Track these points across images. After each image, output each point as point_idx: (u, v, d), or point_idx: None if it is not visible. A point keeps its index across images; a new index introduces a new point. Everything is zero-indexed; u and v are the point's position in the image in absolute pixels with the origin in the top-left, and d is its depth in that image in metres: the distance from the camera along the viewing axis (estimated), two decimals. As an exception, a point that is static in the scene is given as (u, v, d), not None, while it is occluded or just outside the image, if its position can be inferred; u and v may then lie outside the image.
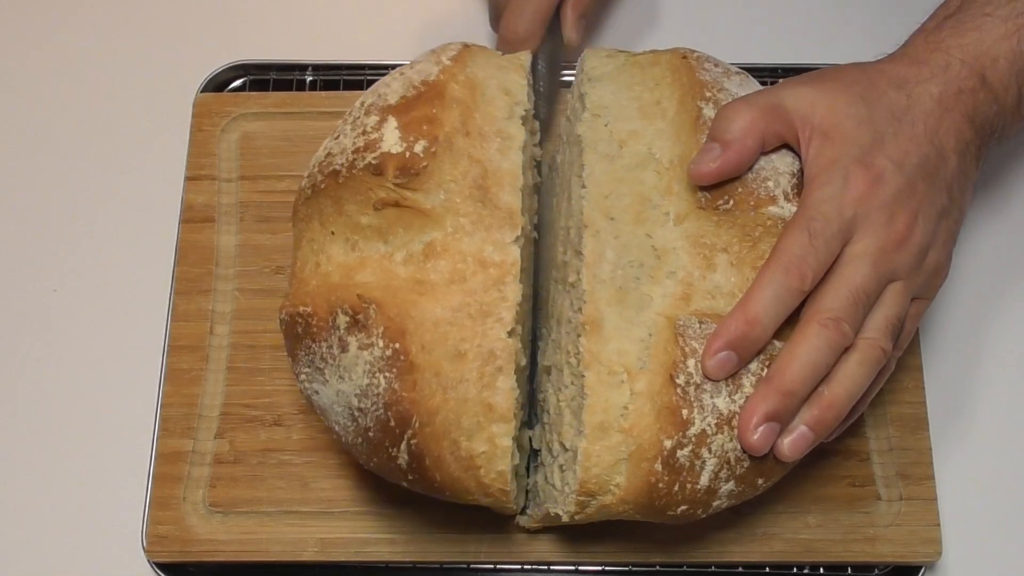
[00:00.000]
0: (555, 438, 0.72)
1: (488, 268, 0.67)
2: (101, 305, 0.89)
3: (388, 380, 0.66)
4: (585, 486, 0.66)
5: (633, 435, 0.65)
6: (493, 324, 0.66)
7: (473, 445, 0.67)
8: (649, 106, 0.72)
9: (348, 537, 0.81)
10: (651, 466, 0.65)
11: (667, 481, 0.65)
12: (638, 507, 0.67)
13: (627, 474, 0.66)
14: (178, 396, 0.84)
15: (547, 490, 0.74)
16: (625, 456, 0.65)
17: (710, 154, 0.67)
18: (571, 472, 0.68)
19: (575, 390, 0.68)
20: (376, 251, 0.70)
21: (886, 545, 0.79)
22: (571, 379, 0.69)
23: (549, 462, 0.74)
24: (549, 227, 0.83)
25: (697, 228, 0.68)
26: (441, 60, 0.72)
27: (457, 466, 0.68)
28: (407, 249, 0.69)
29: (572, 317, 0.70)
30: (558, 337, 0.74)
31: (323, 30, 0.99)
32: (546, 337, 0.80)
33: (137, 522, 0.81)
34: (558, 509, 0.70)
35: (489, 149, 0.69)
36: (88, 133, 0.95)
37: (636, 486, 0.66)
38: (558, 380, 0.73)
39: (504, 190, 0.69)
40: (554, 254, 0.79)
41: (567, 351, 0.70)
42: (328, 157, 0.72)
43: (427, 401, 0.66)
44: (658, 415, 0.65)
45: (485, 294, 0.67)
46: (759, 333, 0.64)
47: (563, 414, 0.70)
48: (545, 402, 0.77)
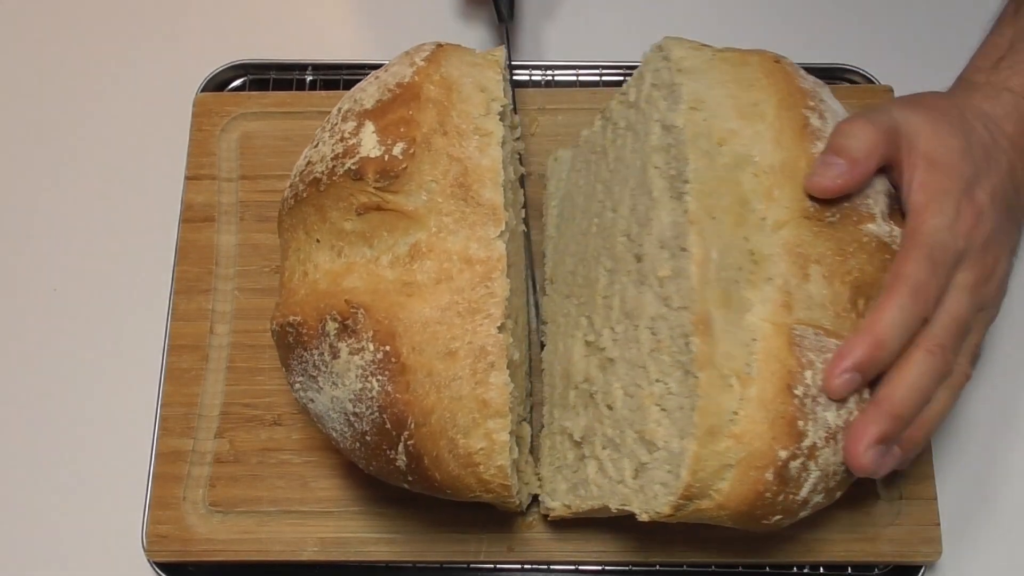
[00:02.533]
0: (627, 432, 0.69)
1: (474, 265, 0.67)
2: (101, 305, 0.89)
3: (381, 383, 0.66)
4: (689, 489, 0.64)
5: (743, 442, 0.63)
6: (482, 320, 0.66)
7: (470, 442, 0.67)
8: (746, 106, 0.70)
9: (348, 537, 0.81)
10: (760, 475, 0.64)
11: (774, 491, 0.64)
12: (736, 514, 0.66)
13: (732, 481, 0.64)
14: (178, 396, 0.84)
15: (605, 485, 0.72)
16: (732, 462, 0.63)
17: (834, 169, 0.67)
18: (661, 471, 0.66)
19: (681, 389, 0.66)
20: (362, 256, 0.70)
21: (886, 544, 0.79)
22: (662, 376, 0.67)
23: (608, 456, 0.72)
24: (589, 213, 0.80)
25: (795, 237, 0.67)
26: (415, 61, 0.72)
27: (456, 464, 0.68)
28: (392, 252, 0.69)
29: (670, 315, 0.67)
30: (629, 330, 0.71)
31: (323, 30, 0.99)
32: (595, 325, 0.76)
33: (137, 522, 0.81)
34: (634, 507, 0.68)
35: (468, 147, 0.69)
36: (88, 133, 0.95)
37: (741, 494, 0.64)
38: (629, 374, 0.70)
39: (485, 187, 0.69)
40: (611, 243, 0.75)
41: (660, 347, 0.67)
42: (308, 165, 0.72)
43: (421, 401, 0.66)
44: (772, 424, 0.63)
45: (473, 291, 0.67)
46: (885, 356, 0.65)
47: (646, 410, 0.68)
48: (592, 391, 0.74)
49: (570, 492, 0.76)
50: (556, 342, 0.82)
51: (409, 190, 0.68)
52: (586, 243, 0.79)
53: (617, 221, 0.75)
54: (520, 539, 0.81)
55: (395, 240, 0.69)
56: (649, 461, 0.67)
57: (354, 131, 0.70)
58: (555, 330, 0.83)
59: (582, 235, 0.80)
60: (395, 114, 0.69)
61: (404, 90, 0.70)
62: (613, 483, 0.70)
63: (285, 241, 0.74)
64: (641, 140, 0.73)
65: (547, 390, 0.83)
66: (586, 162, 0.83)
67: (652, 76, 0.74)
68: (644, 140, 0.72)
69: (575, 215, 0.83)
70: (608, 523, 0.80)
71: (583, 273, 0.79)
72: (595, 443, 0.73)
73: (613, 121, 0.79)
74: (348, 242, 0.70)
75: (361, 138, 0.69)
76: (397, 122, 0.69)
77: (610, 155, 0.79)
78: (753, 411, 0.63)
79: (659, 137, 0.71)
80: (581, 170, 0.83)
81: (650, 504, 0.66)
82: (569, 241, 0.83)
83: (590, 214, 0.79)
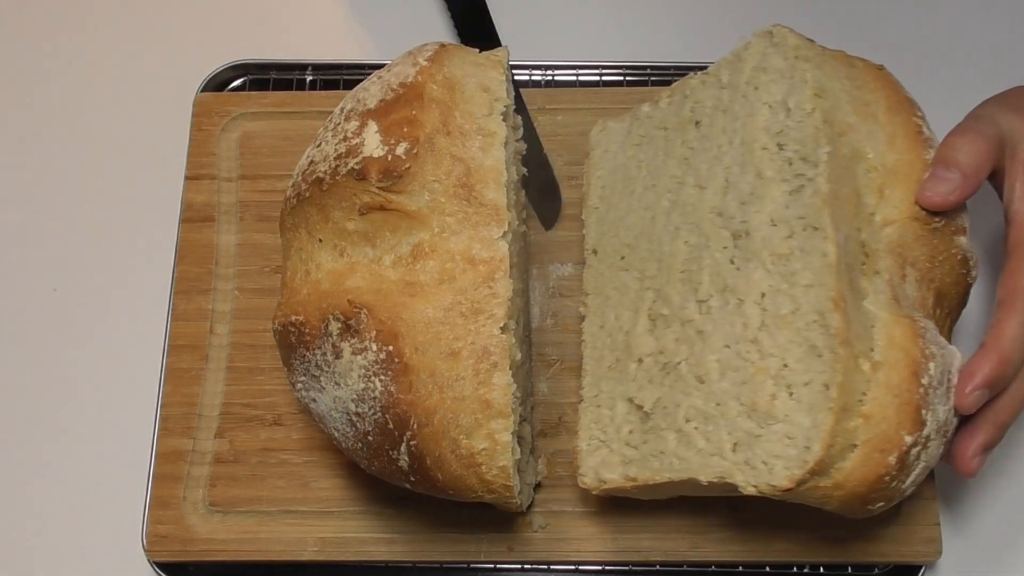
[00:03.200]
0: (729, 404, 0.69)
1: (477, 266, 0.67)
2: (101, 305, 0.89)
3: (384, 383, 0.66)
4: (819, 464, 0.64)
5: (871, 423, 0.64)
6: (485, 321, 0.66)
7: (473, 443, 0.67)
8: (860, 105, 0.72)
9: (348, 537, 0.81)
10: (884, 458, 0.64)
11: (892, 476, 0.65)
12: (849, 495, 0.66)
13: (855, 460, 0.64)
14: (178, 396, 0.84)
15: (692, 457, 0.70)
16: (858, 442, 0.64)
17: (947, 184, 0.69)
18: (778, 444, 0.66)
19: (805, 365, 0.66)
20: (364, 256, 0.70)
21: (886, 544, 0.79)
22: (779, 351, 0.67)
23: (695, 427, 0.71)
24: (659, 188, 0.79)
25: (899, 237, 0.69)
26: (418, 61, 0.72)
27: (458, 464, 0.68)
28: (395, 252, 0.69)
29: (795, 292, 0.67)
30: (726, 304, 0.71)
31: (323, 30, 0.99)
32: (671, 299, 0.75)
33: (137, 522, 0.81)
34: (736, 479, 0.67)
35: (471, 147, 0.69)
36: (88, 133, 0.95)
37: (862, 474, 0.65)
38: (730, 347, 0.70)
39: (488, 187, 0.69)
40: (696, 219, 0.75)
41: (779, 323, 0.68)
42: (311, 165, 0.72)
43: (424, 402, 0.66)
44: (899, 409, 0.64)
45: (475, 292, 0.67)
46: (1010, 372, 0.67)
47: (758, 384, 0.67)
48: (670, 362, 0.74)
49: (634, 464, 0.74)
50: (604, 314, 0.81)
51: (412, 190, 0.68)
52: (653, 217, 0.79)
53: (705, 198, 0.75)
54: (520, 539, 0.81)
55: (398, 240, 0.69)
56: (763, 434, 0.67)
57: (357, 131, 0.70)
58: (602, 302, 0.81)
59: (645, 209, 0.80)
60: (398, 114, 0.69)
61: (407, 90, 0.70)
62: (705, 455, 0.69)
63: (287, 241, 0.74)
64: (741, 120, 0.74)
65: (589, 363, 0.81)
66: (649, 138, 0.82)
67: (758, 60, 0.74)
68: (746, 120, 0.73)
69: (633, 188, 0.82)
70: (603, 522, 0.81)
71: (648, 247, 0.79)
72: (675, 415, 0.72)
73: (695, 100, 0.79)
74: (351, 242, 0.70)
75: (364, 138, 0.69)
76: (400, 122, 0.69)
77: (689, 133, 0.79)
78: (881, 394, 0.64)
79: (768, 119, 0.72)
80: (641, 145, 0.83)
81: (762, 477, 0.66)
82: (624, 214, 0.82)
83: (659, 189, 0.79)
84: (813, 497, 0.66)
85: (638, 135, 0.83)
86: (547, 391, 0.85)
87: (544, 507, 0.81)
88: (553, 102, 0.93)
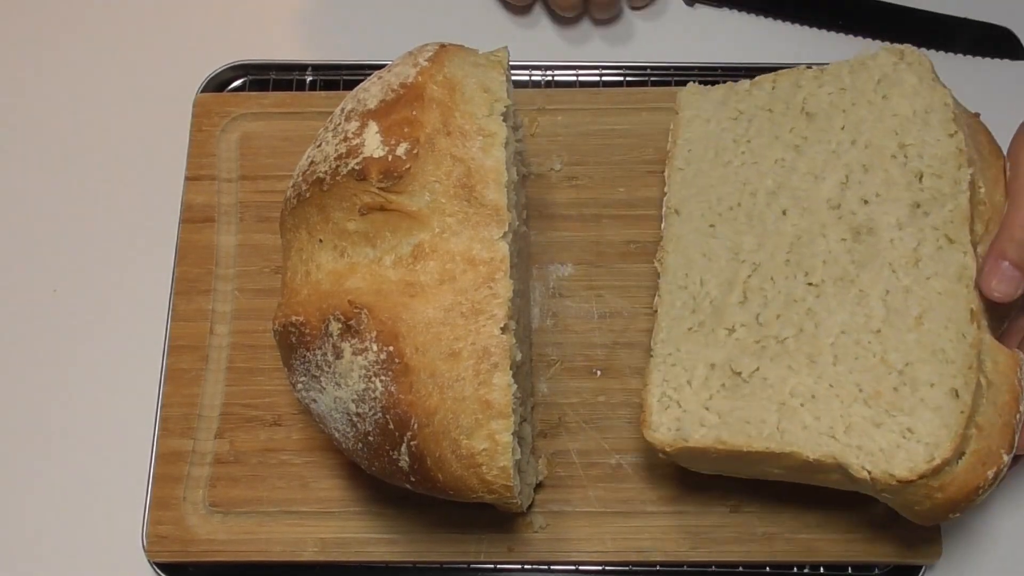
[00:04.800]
0: (845, 387, 0.71)
1: (478, 266, 0.67)
2: (101, 305, 0.89)
3: (384, 383, 0.66)
4: (944, 463, 0.66)
5: (982, 435, 0.68)
6: (486, 321, 0.66)
7: (473, 443, 0.67)
8: (973, 141, 0.76)
9: (348, 537, 0.81)
10: (984, 471, 0.68)
11: (984, 488, 0.68)
12: (946, 500, 0.68)
13: (963, 467, 0.67)
14: (178, 396, 0.84)
15: (798, 432, 0.71)
16: (968, 451, 0.67)
17: (1012, 284, 0.71)
18: (897, 435, 0.68)
19: (932, 367, 0.69)
20: (365, 256, 0.70)
21: (886, 545, 0.79)
22: (903, 349, 0.70)
23: (801, 404, 0.72)
24: (761, 168, 0.80)
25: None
26: (418, 62, 0.72)
27: (459, 465, 0.68)
28: (395, 252, 0.69)
29: (928, 295, 0.71)
30: (845, 293, 0.73)
31: (323, 30, 0.99)
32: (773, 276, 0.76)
33: (137, 522, 0.81)
34: (849, 461, 0.68)
35: (471, 147, 0.69)
36: (88, 133, 0.95)
37: (964, 481, 0.67)
38: (848, 335, 0.72)
39: (489, 187, 0.69)
40: (809, 206, 0.77)
41: (910, 323, 0.71)
42: (311, 165, 0.72)
43: (424, 402, 0.66)
44: (1002, 429, 0.68)
45: (476, 292, 0.67)
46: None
47: (879, 375, 0.70)
48: (773, 336, 0.74)
49: (724, 428, 0.73)
50: (687, 275, 0.80)
51: (412, 191, 0.68)
52: (754, 193, 0.80)
53: (821, 188, 0.77)
54: (520, 539, 0.81)
55: (398, 241, 0.69)
56: (884, 423, 0.69)
57: (357, 131, 0.70)
58: (685, 263, 0.80)
59: (744, 184, 0.80)
60: (399, 114, 0.69)
61: (408, 90, 0.70)
62: (813, 432, 0.70)
63: (287, 241, 0.74)
64: (868, 124, 0.77)
65: (664, 320, 0.79)
66: (748, 115, 0.83)
67: (885, 72, 0.78)
68: (873, 125, 0.77)
69: (728, 159, 0.82)
70: (605, 523, 0.81)
71: (747, 221, 0.79)
72: (779, 388, 0.73)
73: (809, 92, 0.81)
74: (351, 242, 0.70)
75: (364, 138, 0.69)
76: (401, 122, 0.69)
77: (799, 122, 0.80)
78: (990, 411, 0.68)
79: (899, 130, 0.76)
80: (737, 119, 0.83)
81: (879, 464, 0.68)
82: (716, 183, 0.82)
83: (762, 168, 0.80)
84: (915, 494, 0.68)
85: (735, 108, 0.84)
86: (547, 391, 0.85)
87: (544, 507, 0.81)
88: (553, 102, 0.93)
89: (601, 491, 0.82)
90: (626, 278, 0.87)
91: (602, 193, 0.90)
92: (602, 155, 0.91)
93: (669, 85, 0.94)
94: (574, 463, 0.82)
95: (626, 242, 0.88)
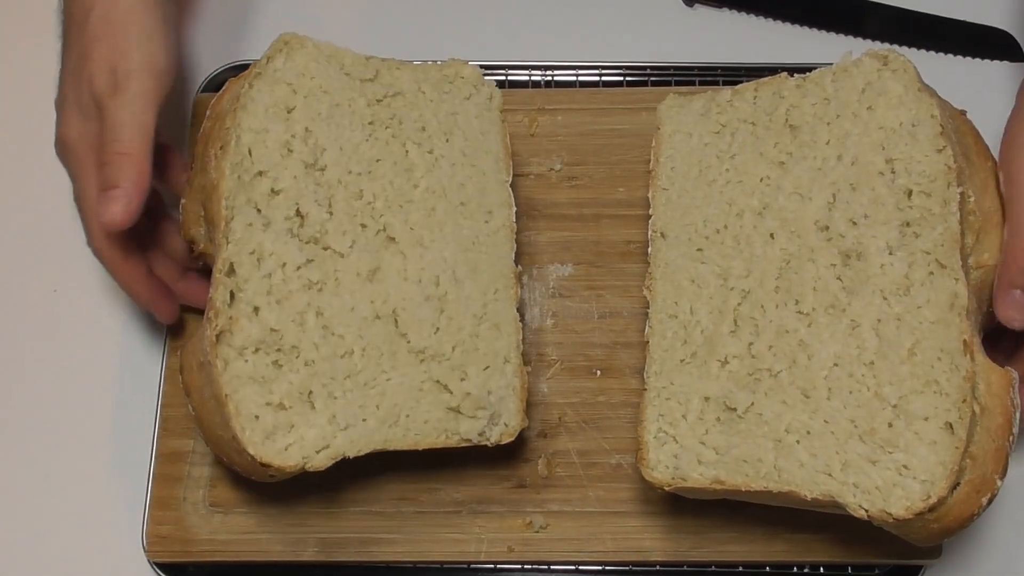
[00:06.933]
0: (839, 424, 0.70)
1: None
2: (101, 305, 0.89)
3: None
4: (940, 501, 0.66)
5: (976, 464, 0.67)
6: None
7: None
8: (961, 147, 0.75)
9: (348, 537, 0.81)
10: (979, 498, 0.67)
11: (976, 517, 0.68)
12: (942, 528, 0.68)
13: (958, 498, 0.67)
14: (178, 396, 0.84)
15: (795, 471, 0.70)
16: (963, 481, 0.67)
17: (1019, 309, 0.72)
18: (894, 472, 0.67)
19: (926, 399, 0.68)
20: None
21: (886, 545, 0.79)
22: (897, 381, 0.70)
23: (797, 441, 0.71)
24: (745, 186, 0.79)
25: (982, 281, 0.73)
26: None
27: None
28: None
29: (921, 325, 0.71)
30: (837, 323, 0.72)
31: (323, 30, 0.99)
32: (764, 304, 0.75)
33: (137, 522, 0.81)
34: (847, 500, 0.68)
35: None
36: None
37: (959, 511, 0.67)
38: (842, 368, 0.71)
39: None
40: (797, 227, 0.76)
41: (901, 355, 0.70)
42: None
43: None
44: (995, 454, 0.68)
45: None
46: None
47: (873, 410, 0.69)
48: (767, 369, 0.74)
49: (721, 467, 0.72)
50: (676, 303, 0.79)
51: None
52: (740, 214, 0.79)
53: (808, 209, 0.76)
54: (520, 539, 0.81)
55: None
56: (879, 460, 0.68)
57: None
58: (674, 290, 0.79)
59: (729, 204, 0.79)
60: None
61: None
62: (810, 471, 0.70)
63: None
64: (853, 139, 0.76)
65: (656, 352, 0.78)
66: (731, 129, 0.82)
67: (869, 80, 0.77)
68: (859, 140, 0.75)
69: (712, 178, 0.81)
70: (602, 523, 0.81)
71: (733, 245, 0.78)
72: (774, 424, 0.72)
73: (792, 103, 0.79)
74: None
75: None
76: None
77: (784, 136, 0.79)
78: (984, 438, 0.68)
79: (885, 143, 0.75)
80: (720, 133, 0.82)
81: (876, 503, 0.67)
82: (701, 203, 0.81)
83: (747, 187, 0.79)
84: (911, 526, 0.68)
85: (717, 122, 0.83)
86: (547, 391, 0.85)
87: (544, 507, 0.81)
88: (553, 102, 0.93)
89: (601, 491, 0.82)
90: (626, 278, 0.87)
91: (602, 193, 0.90)
92: (602, 155, 0.91)
93: (669, 85, 0.94)
94: (574, 463, 0.82)
95: (626, 242, 0.88)
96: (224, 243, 0.72)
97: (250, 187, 0.74)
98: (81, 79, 0.76)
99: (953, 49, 0.97)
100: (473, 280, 0.78)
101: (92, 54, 0.75)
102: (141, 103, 0.75)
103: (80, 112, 0.76)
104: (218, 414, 0.70)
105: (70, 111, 0.77)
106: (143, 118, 0.75)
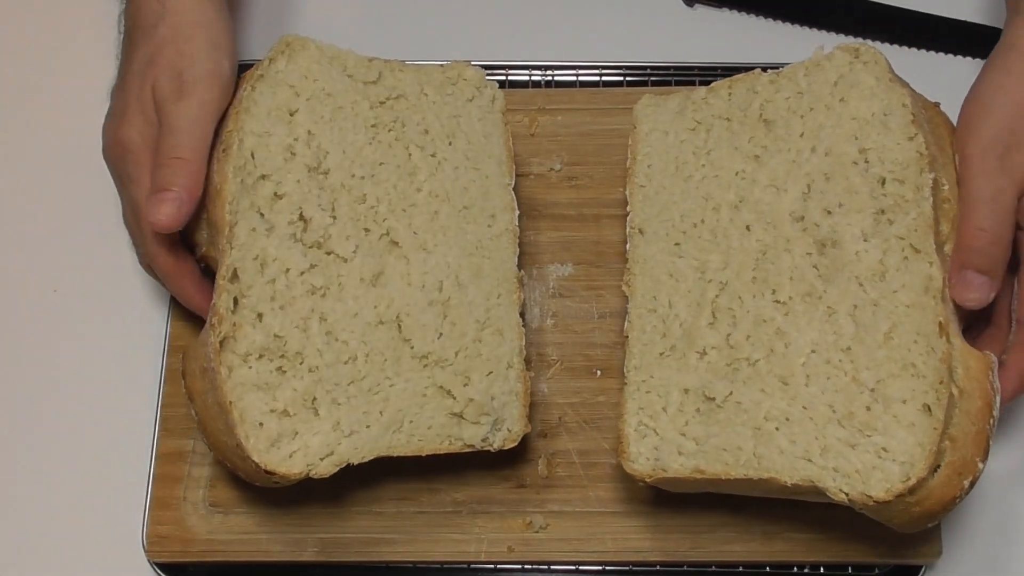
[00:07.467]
0: (817, 409, 0.70)
1: None
2: (101, 305, 0.89)
3: None
4: (920, 482, 0.66)
5: (956, 447, 0.68)
6: None
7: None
8: (935, 136, 0.75)
9: (348, 537, 0.81)
10: (960, 481, 0.68)
11: (961, 498, 0.68)
12: (923, 512, 0.68)
13: (938, 480, 0.67)
14: (178, 396, 0.84)
15: (775, 457, 0.70)
16: (943, 463, 0.67)
17: (982, 290, 0.72)
18: (872, 455, 0.68)
19: (903, 382, 0.69)
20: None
21: (886, 544, 0.79)
22: (874, 365, 0.70)
23: (776, 428, 0.71)
24: (721, 181, 0.80)
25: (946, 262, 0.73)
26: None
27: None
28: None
29: (896, 309, 0.71)
30: (813, 311, 0.73)
31: (322, 31, 0.99)
32: (741, 295, 0.76)
33: (137, 522, 0.81)
34: (827, 485, 0.68)
35: None
36: (89, 133, 0.95)
37: (940, 494, 0.68)
38: (819, 354, 0.72)
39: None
40: (772, 219, 0.77)
41: (878, 338, 0.70)
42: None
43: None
44: (976, 436, 0.68)
45: None
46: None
47: (852, 394, 0.70)
48: (746, 359, 0.74)
49: (700, 456, 0.73)
50: (655, 298, 0.79)
51: None
52: (716, 208, 0.79)
53: (783, 200, 0.77)
54: (520, 539, 0.81)
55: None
56: (858, 444, 0.68)
57: None
58: (653, 285, 0.79)
59: (705, 199, 0.80)
60: None
61: None
62: (790, 457, 0.70)
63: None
64: (826, 131, 0.76)
65: (636, 346, 0.78)
66: (707, 125, 0.82)
67: (842, 73, 0.77)
68: (832, 131, 0.76)
69: (688, 174, 0.81)
70: (601, 523, 0.81)
71: (711, 238, 0.79)
72: (753, 412, 0.72)
73: (765, 98, 0.80)
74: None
75: None
76: None
77: (758, 131, 0.80)
78: (963, 420, 0.68)
79: (859, 134, 0.75)
80: (696, 130, 0.83)
81: (856, 486, 0.68)
82: (678, 199, 0.81)
83: (723, 181, 0.80)
84: (893, 509, 0.68)
85: (692, 119, 0.83)
86: (547, 391, 0.84)
87: (544, 507, 0.81)
88: (553, 102, 0.93)
89: (601, 491, 0.82)
90: (626, 278, 0.87)
91: (602, 193, 0.90)
92: (602, 155, 0.91)
93: (669, 85, 0.94)
94: (574, 463, 0.82)
95: (626, 242, 0.88)
96: (228, 248, 0.72)
97: (253, 191, 0.74)
98: (146, 82, 0.77)
99: (947, 48, 0.97)
100: (476, 285, 0.78)
101: (159, 59, 0.76)
102: (203, 111, 0.76)
103: (143, 115, 0.77)
104: (222, 420, 0.70)
105: (134, 113, 0.77)
106: (203, 125, 0.75)
